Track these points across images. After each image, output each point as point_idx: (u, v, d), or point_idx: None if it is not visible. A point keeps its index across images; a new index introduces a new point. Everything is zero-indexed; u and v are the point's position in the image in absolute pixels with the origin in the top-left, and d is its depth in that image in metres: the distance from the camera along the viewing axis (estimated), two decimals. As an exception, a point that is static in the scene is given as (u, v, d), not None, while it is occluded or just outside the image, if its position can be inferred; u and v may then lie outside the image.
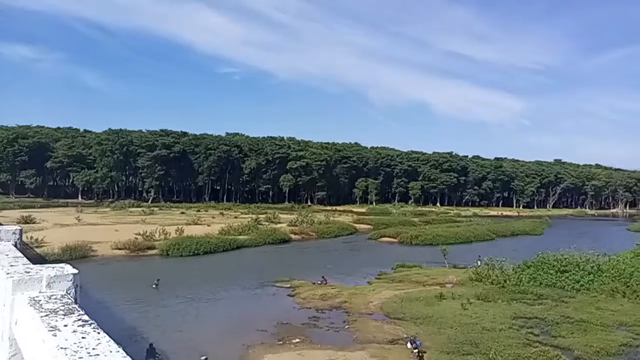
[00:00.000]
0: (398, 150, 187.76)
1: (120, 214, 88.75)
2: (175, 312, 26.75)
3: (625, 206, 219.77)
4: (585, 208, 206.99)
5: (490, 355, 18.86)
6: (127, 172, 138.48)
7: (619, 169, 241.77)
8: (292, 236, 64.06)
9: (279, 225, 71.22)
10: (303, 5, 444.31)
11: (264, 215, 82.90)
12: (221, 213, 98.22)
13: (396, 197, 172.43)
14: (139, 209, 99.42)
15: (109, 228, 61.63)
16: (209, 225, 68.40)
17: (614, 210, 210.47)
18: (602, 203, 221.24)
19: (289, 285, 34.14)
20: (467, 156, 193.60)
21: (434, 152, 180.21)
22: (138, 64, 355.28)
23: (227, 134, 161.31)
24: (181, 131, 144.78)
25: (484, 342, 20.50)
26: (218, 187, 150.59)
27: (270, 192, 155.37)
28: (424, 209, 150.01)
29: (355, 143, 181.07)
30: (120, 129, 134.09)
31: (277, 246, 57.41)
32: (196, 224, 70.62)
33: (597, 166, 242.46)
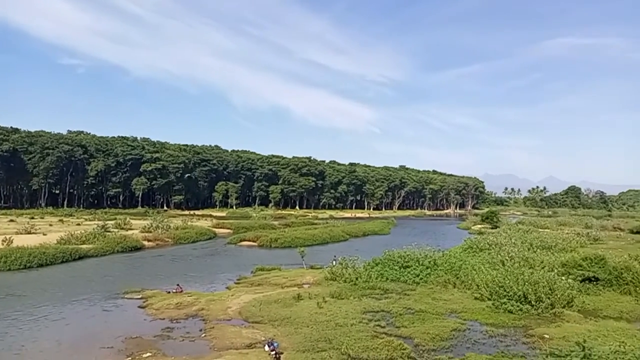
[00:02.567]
0: (259, 154, 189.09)
1: None
2: (1, 334, 23.01)
3: (456, 207, 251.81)
4: (424, 209, 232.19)
5: (342, 349, 19.86)
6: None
7: (451, 175, 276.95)
8: (145, 243, 60.05)
9: (130, 232, 66.19)
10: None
11: (112, 222, 76.31)
12: (61, 220, 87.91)
13: (257, 200, 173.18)
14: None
15: None
16: (45, 234, 60.62)
17: (447, 211, 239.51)
18: (438, 205, 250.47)
19: (140, 296, 31.80)
20: (324, 161, 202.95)
21: (293, 157, 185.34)
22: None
23: (69, 132, 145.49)
24: (11, 127, 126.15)
25: (337, 338, 21.51)
26: (57, 191, 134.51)
27: (121, 197, 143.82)
28: (283, 212, 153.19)
29: (216, 146, 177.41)
30: None
31: (128, 254, 53.26)
32: (29, 232, 62.04)
33: (434, 172, 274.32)
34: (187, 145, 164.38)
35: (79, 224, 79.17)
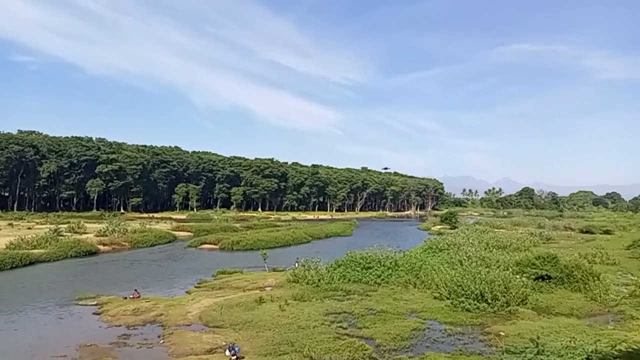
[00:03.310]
0: (220, 156, 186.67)
1: None
2: (-60, 347, 21.62)
3: (417, 208, 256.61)
4: (386, 210, 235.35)
5: (305, 352, 19.81)
6: None
7: (412, 176, 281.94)
8: (101, 247, 58.02)
9: (84, 236, 63.78)
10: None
11: (66, 225, 73.33)
12: (10, 224, 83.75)
13: (218, 202, 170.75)
14: None
15: None
16: (-8, 239, 57.55)
17: (408, 212, 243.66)
18: (399, 206, 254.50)
19: (95, 303, 30.64)
20: (287, 162, 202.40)
21: (255, 158, 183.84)
22: None
23: (20, 131, 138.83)
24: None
25: (300, 340, 21.44)
26: (7, 194, 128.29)
27: (75, 199, 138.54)
28: (245, 214, 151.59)
29: (176, 147, 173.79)
30: None
31: (82, 259, 51.30)
32: (-26, 237, 58.75)
33: (395, 174, 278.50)
34: (145, 146, 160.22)
35: (30, 228, 75.64)
